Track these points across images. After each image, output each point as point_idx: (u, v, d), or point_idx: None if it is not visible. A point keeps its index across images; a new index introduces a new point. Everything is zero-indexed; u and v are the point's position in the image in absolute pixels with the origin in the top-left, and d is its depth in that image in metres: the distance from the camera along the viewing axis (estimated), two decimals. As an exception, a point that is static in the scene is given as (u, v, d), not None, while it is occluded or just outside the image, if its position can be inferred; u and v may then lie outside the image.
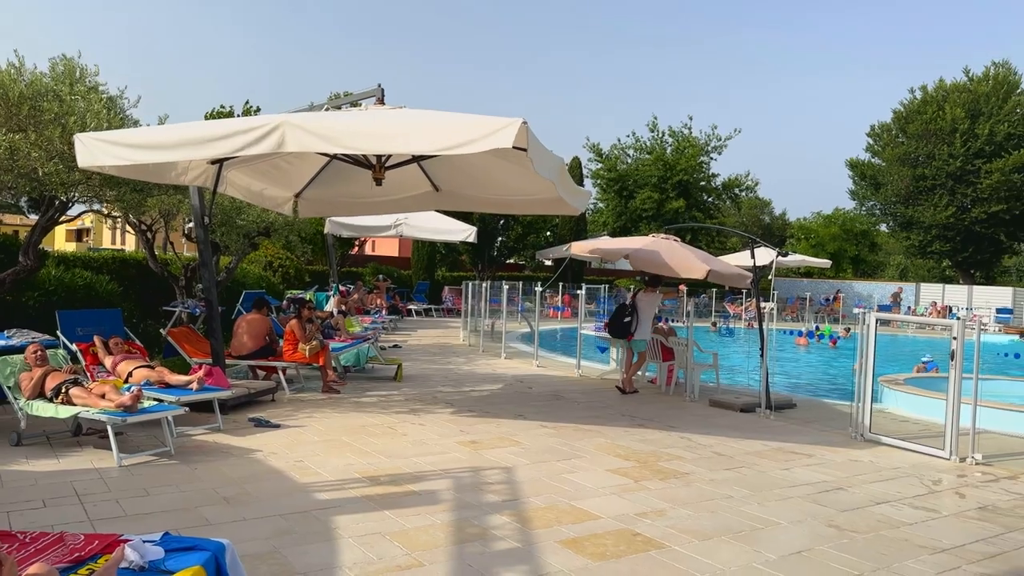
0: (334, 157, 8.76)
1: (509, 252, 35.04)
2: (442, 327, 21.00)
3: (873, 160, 39.33)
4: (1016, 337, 24.04)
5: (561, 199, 7.84)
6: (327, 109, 8.35)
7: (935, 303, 32.13)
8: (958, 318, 7.60)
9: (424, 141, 6.18)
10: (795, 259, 31.57)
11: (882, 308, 31.52)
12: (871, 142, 39.49)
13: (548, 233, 34.39)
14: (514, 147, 5.87)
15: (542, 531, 4.81)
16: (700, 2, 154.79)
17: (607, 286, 29.39)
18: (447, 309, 26.05)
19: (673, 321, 15.87)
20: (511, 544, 4.58)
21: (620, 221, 36.37)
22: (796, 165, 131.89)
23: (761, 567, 4.36)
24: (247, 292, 13.41)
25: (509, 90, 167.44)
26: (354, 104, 8.63)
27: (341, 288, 18.14)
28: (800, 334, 23.06)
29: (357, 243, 28.71)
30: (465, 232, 17.57)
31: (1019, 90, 34.92)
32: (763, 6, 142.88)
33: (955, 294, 33.75)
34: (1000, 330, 26.73)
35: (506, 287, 15.15)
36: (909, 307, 32.89)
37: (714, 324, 24.09)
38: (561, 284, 26.93)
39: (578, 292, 13.97)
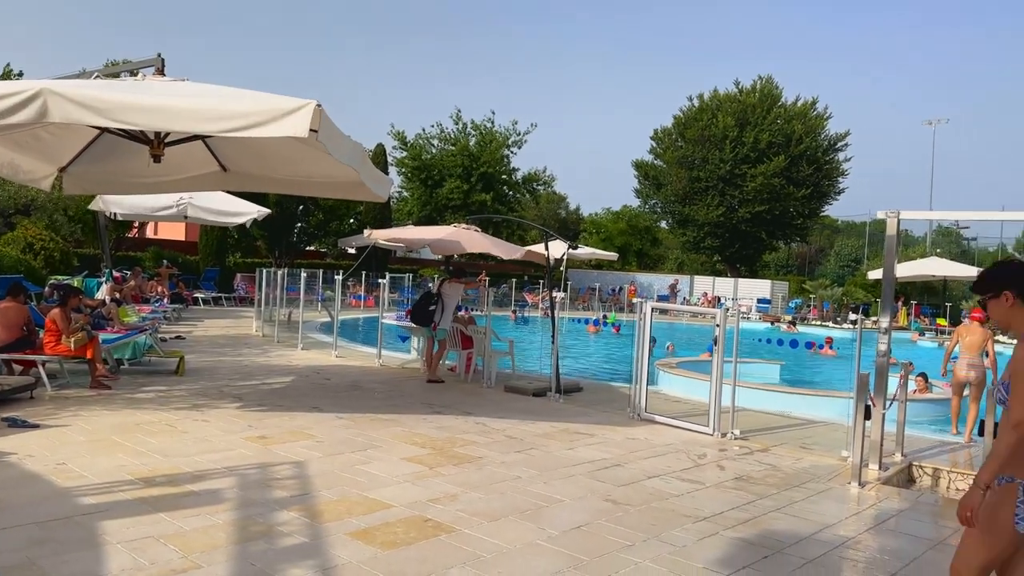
0: (106, 130, 7.97)
1: (309, 239, 33.92)
2: (234, 317, 19.89)
3: (655, 162, 42.48)
4: (770, 324, 27.11)
5: (362, 184, 7.71)
6: (97, 77, 7.57)
7: (706, 294, 35.40)
8: (725, 308, 8.44)
9: (208, 122, 5.80)
10: (586, 252, 33.40)
11: (661, 298, 34.23)
12: (654, 145, 42.63)
13: (352, 220, 33.71)
14: (309, 131, 5.68)
15: (332, 524, 4.72)
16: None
17: (411, 275, 29.36)
18: (240, 298, 24.71)
19: (475, 311, 16.19)
20: (298, 540, 4.45)
21: (426, 210, 36.46)
22: (589, 164, 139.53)
23: (544, 543, 4.58)
24: (0, 278, 11.88)
25: (313, 74, 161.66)
26: (132, 73, 7.92)
27: (115, 274, 16.61)
28: (589, 322, 24.46)
29: (136, 225, 26.43)
30: (257, 211, 16.63)
31: (780, 103, 39.25)
32: (566, 5, 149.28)
33: (723, 286, 37.42)
34: (760, 318, 30.03)
35: (304, 275, 14.65)
36: (684, 297, 35.97)
37: (513, 313, 24.87)
38: (364, 273, 26.50)
39: (380, 281, 13.84)
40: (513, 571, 4.16)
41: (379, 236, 12.40)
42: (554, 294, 11.47)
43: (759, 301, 34.53)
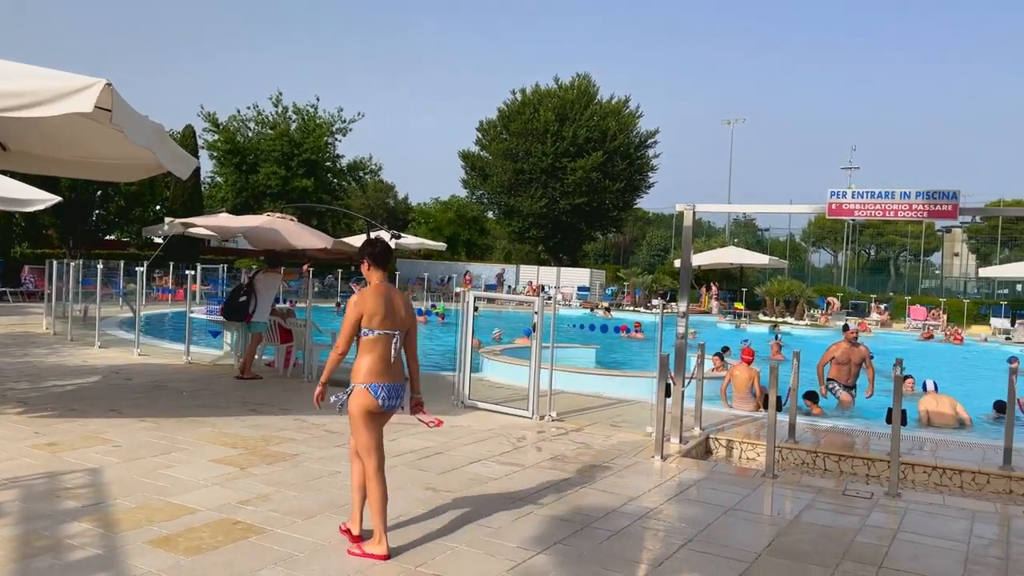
0: None
1: (109, 227, 31.22)
2: (20, 313, 17.95)
3: (482, 153, 43.05)
4: (588, 311, 28.41)
5: (160, 166, 7.20)
6: None
7: (531, 282, 36.46)
8: (549, 297, 8.74)
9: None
10: (414, 241, 33.27)
11: (489, 287, 34.86)
12: (480, 136, 43.18)
13: (158, 207, 31.37)
14: (97, 108, 5.22)
15: (130, 533, 4.40)
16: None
17: (225, 267, 27.82)
18: (27, 292, 22.32)
19: (300, 303, 15.63)
20: (90, 552, 4.11)
21: (241, 197, 34.65)
22: (418, 153, 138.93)
23: (361, 537, 4.53)
24: None
25: (119, 50, 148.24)
26: None
27: None
28: (420, 312, 24.44)
29: None
30: (44, 201, 15.01)
31: (596, 100, 41.03)
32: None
33: (548, 275, 38.70)
34: (580, 305, 31.37)
35: (101, 267, 13.46)
36: (511, 286, 36.84)
37: (338, 304, 24.31)
38: (172, 264, 24.78)
39: (189, 272, 12.99)
40: (327, 568, 4.08)
41: (187, 224, 11.65)
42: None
43: (579, 289, 36.06)
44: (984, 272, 38.01)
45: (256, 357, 10.53)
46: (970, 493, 6.94)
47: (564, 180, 39.25)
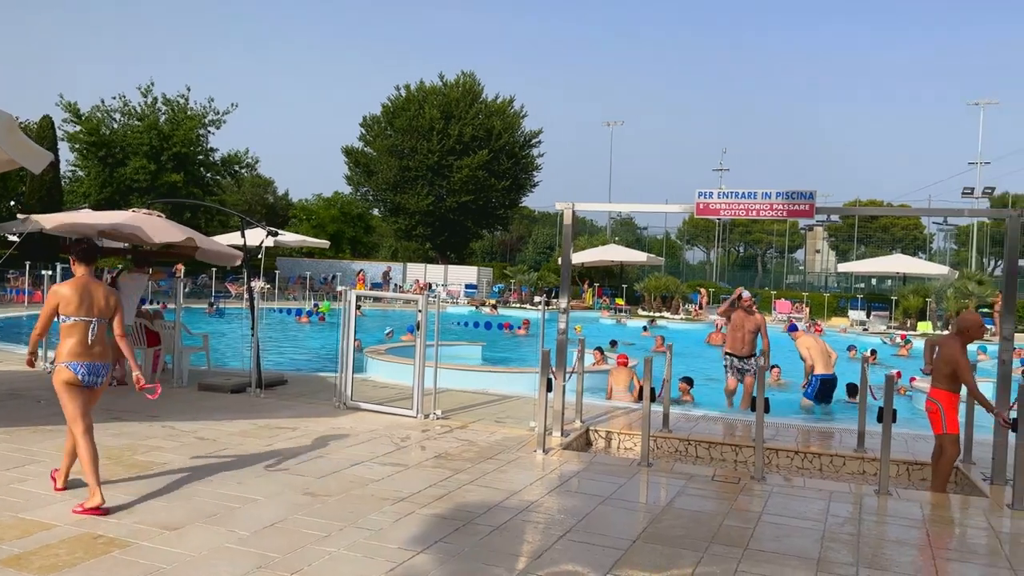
0: None
1: (-47, 225, 28.64)
2: None
3: (366, 149, 42.34)
4: (475, 308, 28.51)
5: (11, 160, 6.67)
6: None
7: (418, 281, 36.23)
8: (436, 295, 8.69)
9: None
10: (295, 239, 32.35)
11: (375, 285, 34.36)
12: (364, 132, 42.45)
13: (12, 203, 29.07)
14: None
15: (-27, 556, 4.05)
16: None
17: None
18: None
19: (172, 305, 14.84)
20: (-75, 580, 3.76)
21: (106, 192, 32.58)
22: (299, 148, 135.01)
23: (233, 546, 4.36)
24: None
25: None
26: None
27: None
28: (302, 313, 23.75)
29: None
30: None
31: (481, 99, 41.19)
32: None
33: (435, 272, 38.56)
34: (468, 303, 31.44)
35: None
36: (398, 284, 36.45)
37: (210, 305, 23.29)
38: (28, 264, 22.99)
39: (46, 273, 12.10)
40: (197, 579, 3.91)
41: (44, 222, 10.82)
42: (254, 284, 10.92)
43: (467, 286, 36.15)
44: (843, 268, 40.99)
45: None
46: (828, 475, 7.45)
47: (451, 178, 39.21)
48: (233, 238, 21.69)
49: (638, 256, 36.77)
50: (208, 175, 36.36)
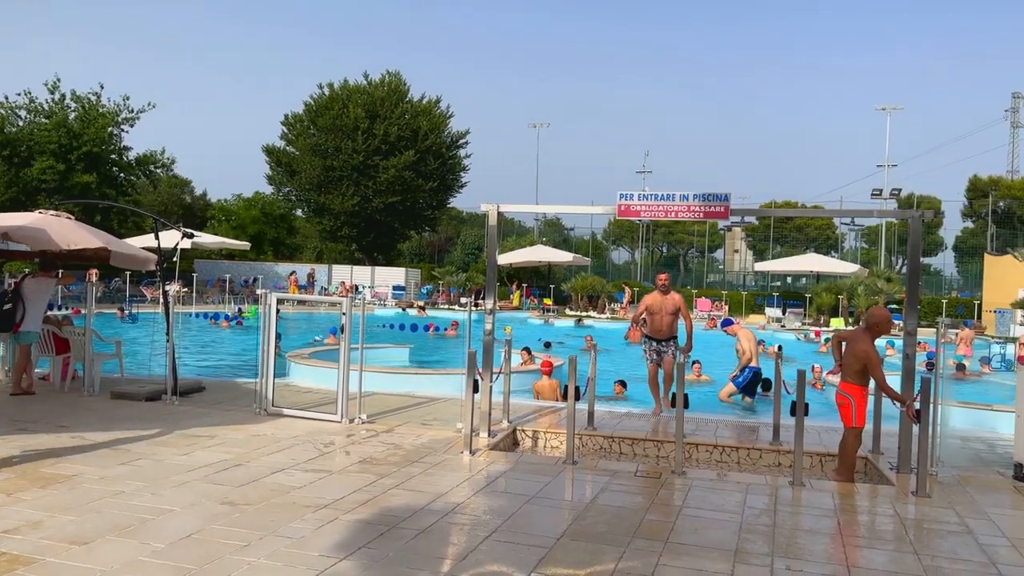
0: None
1: None
2: None
3: (288, 148, 41.43)
4: (402, 310, 28.29)
5: None
6: None
7: (344, 282, 35.69)
8: (358, 296, 8.57)
9: None
10: (213, 240, 31.42)
11: (301, 287, 33.67)
12: (286, 131, 41.54)
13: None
14: None
15: None
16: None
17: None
18: None
19: (81, 309, 14.18)
20: None
21: (11, 192, 30.92)
22: (217, 147, 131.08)
23: (147, 559, 4.21)
24: None
25: None
26: None
27: None
28: (221, 317, 23.07)
29: None
30: None
31: (407, 99, 40.86)
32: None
33: (362, 274, 38.05)
34: (395, 304, 31.15)
35: None
36: (323, 287, 35.83)
37: (120, 310, 22.40)
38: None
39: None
40: (107, 596, 3.75)
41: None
42: (169, 287, 10.56)
43: (395, 288, 35.81)
44: (759, 267, 42.40)
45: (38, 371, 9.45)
46: (746, 468, 7.69)
47: (376, 178, 38.76)
48: (148, 240, 20.90)
49: (565, 256, 37.16)
50: (122, 175, 34.93)
